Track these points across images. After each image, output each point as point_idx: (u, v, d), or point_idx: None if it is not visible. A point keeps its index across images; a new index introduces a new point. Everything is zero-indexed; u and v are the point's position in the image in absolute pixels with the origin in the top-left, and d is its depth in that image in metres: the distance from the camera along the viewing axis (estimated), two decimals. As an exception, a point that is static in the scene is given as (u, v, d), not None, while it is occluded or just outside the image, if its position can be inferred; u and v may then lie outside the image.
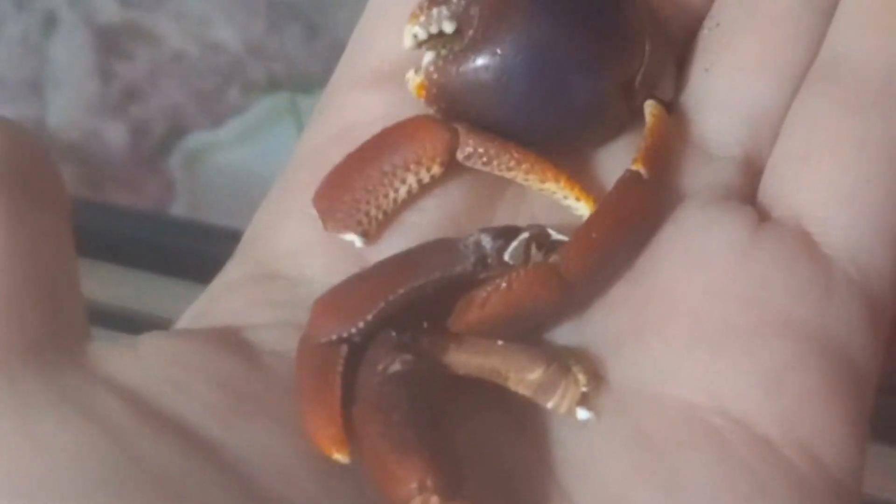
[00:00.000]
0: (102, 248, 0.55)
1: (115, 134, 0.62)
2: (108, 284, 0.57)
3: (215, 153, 0.62)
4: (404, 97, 0.27)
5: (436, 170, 0.26)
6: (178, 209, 0.62)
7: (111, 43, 0.62)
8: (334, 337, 0.24)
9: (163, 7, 0.62)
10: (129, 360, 0.23)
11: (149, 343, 0.24)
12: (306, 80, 0.61)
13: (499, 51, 0.26)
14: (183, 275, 0.56)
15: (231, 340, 0.24)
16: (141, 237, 0.61)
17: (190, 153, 0.62)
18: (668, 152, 0.27)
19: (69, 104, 0.63)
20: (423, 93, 0.27)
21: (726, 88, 0.28)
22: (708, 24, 0.29)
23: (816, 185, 0.26)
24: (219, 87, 0.62)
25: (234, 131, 0.62)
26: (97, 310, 0.52)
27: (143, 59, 0.62)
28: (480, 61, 0.26)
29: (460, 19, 0.27)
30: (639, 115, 0.28)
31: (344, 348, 0.24)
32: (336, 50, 0.30)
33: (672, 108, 0.28)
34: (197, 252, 0.53)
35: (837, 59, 0.27)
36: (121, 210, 0.62)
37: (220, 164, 0.62)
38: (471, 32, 0.27)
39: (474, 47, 0.27)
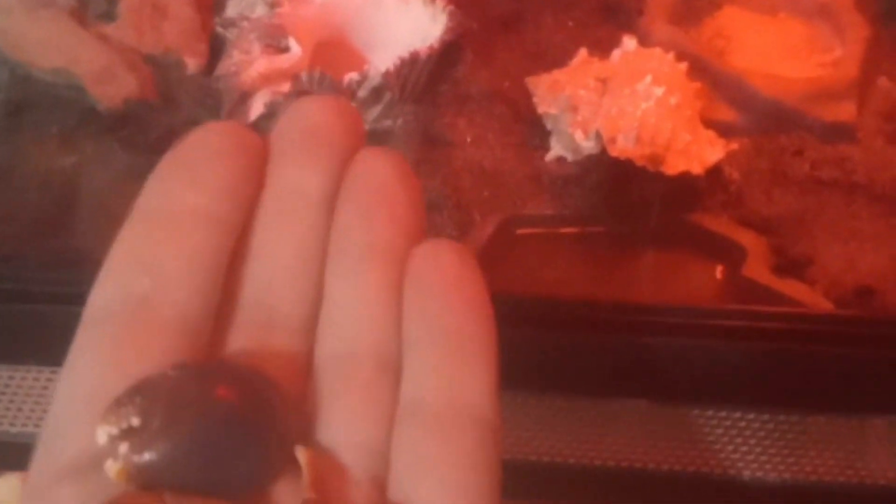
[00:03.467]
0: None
1: None
2: None
3: None
4: (106, 485, 0.34)
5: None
6: None
7: None
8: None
9: None
10: None
11: None
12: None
13: (179, 434, 0.33)
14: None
15: None
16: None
17: None
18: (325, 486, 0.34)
19: None
20: (125, 476, 0.33)
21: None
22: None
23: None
24: None
25: None
26: None
27: None
28: (168, 443, 0.33)
29: (144, 414, 0.34)
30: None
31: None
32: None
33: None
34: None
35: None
36: None
37: None
38: (155, 423, 0.33)
39: (161, 433, 0.33)
